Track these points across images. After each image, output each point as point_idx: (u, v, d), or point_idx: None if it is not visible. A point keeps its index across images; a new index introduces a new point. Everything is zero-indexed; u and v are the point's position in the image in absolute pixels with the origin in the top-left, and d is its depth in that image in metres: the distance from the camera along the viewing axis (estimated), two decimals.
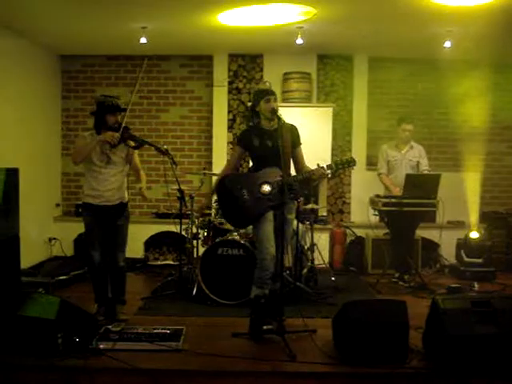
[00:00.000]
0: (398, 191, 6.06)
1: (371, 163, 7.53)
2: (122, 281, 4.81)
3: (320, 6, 5.48)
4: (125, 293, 4.83)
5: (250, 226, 4.80)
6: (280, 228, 4.28)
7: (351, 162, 4.38)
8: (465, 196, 7.27)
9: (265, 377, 3.67)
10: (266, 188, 4.38)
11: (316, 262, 6.11)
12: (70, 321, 3.94)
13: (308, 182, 4.57)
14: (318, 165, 4.35)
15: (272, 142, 4.40)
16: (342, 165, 4.38)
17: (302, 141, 4.60)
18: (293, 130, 4.53)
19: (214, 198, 5.08)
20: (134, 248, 4.92)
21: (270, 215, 4.37)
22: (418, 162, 6.33)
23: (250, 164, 5.05)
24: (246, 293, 4.65)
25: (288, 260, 5.63)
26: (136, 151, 4.77)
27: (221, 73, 7.63)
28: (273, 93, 4.47)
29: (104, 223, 4.65)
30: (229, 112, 7.68)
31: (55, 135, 7.82)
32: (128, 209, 4.82)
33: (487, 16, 5.52)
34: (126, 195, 4.81)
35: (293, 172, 4.56)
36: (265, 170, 4.42)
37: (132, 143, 4.66)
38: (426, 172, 6.30)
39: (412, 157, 6.34)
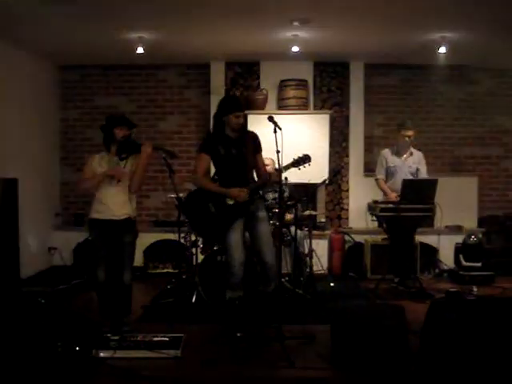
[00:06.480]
0: (394, 197, 6.07)
1: (369, 169, 7.54)
2: (127, 298, 4.75)
3: (314, 14, 5.53)
4: (131, 309, 4.81)
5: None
6: (279, 234, 4.41)
7: (306, 159, 4.53)
8: (463, 200, 7.30)
9: (264, 383, 3.68)
10: (231, 200, 4.54)
11: (315, 268, 6.11)
12: (70, 329, 3.95)
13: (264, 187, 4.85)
14: (276, 170, 4.51)
15: (236, 150, 4.56)
16: (296, 163, 4.52)
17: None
18: (255, 138, 4.67)
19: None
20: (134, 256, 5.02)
21: (239, 224, 4.58)
22: (418, 168, 6.34)
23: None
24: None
25: (286, 266, 5.66)
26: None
27: (218, 81, 7.66)
28: (241, 109, 4.58)
29: (110, 239, 4.59)
30: None
31: (54, 145, 7.86)
32: (136, 226, 4.75)
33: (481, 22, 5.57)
34: (133, 212, 4.67)
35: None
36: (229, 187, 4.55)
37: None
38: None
39: (412, 163, 6.33)
